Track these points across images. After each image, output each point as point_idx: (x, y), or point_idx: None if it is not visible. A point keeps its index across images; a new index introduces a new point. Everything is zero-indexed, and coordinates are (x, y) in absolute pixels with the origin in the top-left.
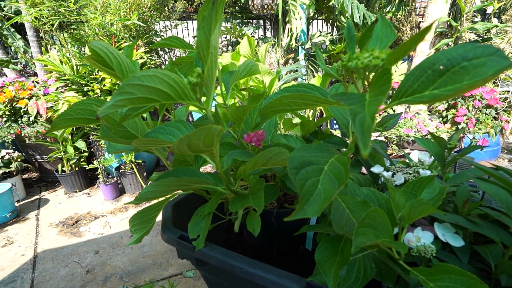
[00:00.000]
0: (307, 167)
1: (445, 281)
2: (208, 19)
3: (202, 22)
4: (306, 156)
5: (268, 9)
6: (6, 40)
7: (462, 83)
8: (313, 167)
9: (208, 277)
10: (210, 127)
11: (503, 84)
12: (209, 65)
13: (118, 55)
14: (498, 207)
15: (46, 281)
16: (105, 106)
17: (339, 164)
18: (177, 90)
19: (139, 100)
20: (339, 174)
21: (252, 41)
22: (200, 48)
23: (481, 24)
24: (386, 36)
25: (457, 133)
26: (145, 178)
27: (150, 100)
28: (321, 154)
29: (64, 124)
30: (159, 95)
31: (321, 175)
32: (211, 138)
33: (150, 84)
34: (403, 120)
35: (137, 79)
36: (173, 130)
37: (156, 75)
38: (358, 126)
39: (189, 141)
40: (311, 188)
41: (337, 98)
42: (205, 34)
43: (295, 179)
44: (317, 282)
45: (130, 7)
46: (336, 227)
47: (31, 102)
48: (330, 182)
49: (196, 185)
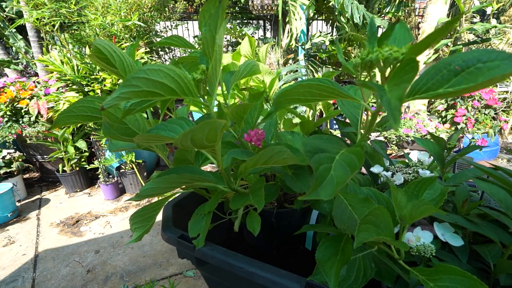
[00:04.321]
0: (320, 154)
1: (445, 281)
2: (215, 17)
3: (209, 19)
4: (318, 143)
5: (268, 10)
6: (7, 41)
7: (476, 82)
8: (326, 155)
9: (208, 276)
10: (214, 121)
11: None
12: (213, 63)
13: (121, 54)
14: (497, 206)
15: (47, 280)
16: (111, 98)
17: (352, 154)
18: (181, 86)
19: (144, 93)
20: (351, 163)
21: (253, 41)
22: (205, 44)
23: (480, 25)
24: (403, 38)
25: (456, 133)
26: (145, 178)
27: (154, 94)
28: (332, 145)
29: (67, 121)
30: (163, 89)
31: (333, 163)
32: (214, 133)
33: (155, 78)
34: (403, 120)
35: (143, 73)
36: (175, 127)
37: (161, 69)
38: (386, 105)
39: (192, 135)
40: (324, 173)
41: (363, 83)
42: (211, 31)
43: (311, 161)
44: (317, 282)
45: (130, 8)
46: (338, 223)
47: (32, 102)
48: (342, 169)
49: (198, 182)
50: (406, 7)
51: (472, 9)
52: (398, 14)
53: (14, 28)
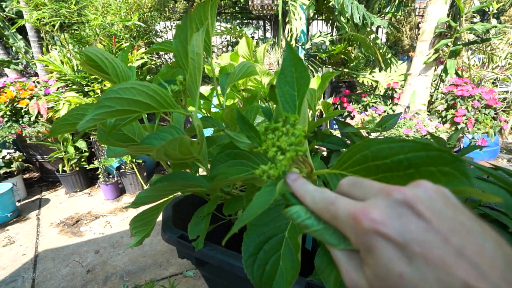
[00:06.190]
0: (265, 246)
1: None
2: (184, 28)
3: (178, 31)
4: (265, 229)
5: (268, 10)
6: (7, 41)
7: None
8: (273, 242)
9: (208, 276)
10: (182, 138)
11: (502, 84)
12: (190, 72)
13: (113, 60)
14: (497, 207)
15: (47, 280)
16: (84, 121)
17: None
18: (158, 100)
19: (119, 112)
20: (296, 242)
21: (250, 42)
22: (178, 57)
23: (480, 25)
24: (301, 78)
25: (456, 133)
26: (145, 178)
27: (130, 111)
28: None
29: (63, 129)
30: (139, 106)
31: (282, 248)
32: (186, 147)
33: (128, 96)
34: (403, 120)
35: (114, 93)
36: (167, 136)
37: (134, 87)
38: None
39: (165, 150)
40: (271, 272)
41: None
42: (181, 43)
43: (252, 272)
44: (317, 282)
45: (130, 8)
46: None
47: (32, 102)
48: (290, 257)
49: (191, 188)
50: (406, 7)
51: (472, 9)
52: (398, 14)
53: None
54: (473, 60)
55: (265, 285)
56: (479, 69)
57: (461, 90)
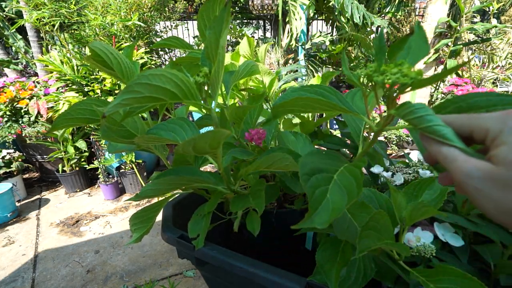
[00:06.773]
0: (318, 174)
1: (445, 283)
2: (220, 20)
3: (213, 22)
4: (317, 162)
5: (268, 10)
6: (7, 41)
7: None
8: (323, 175)
9: (208, 276)
10: (218, 131)
11: (502, 84)
12: (216, 66)
13: (118, 56)
14: None
15: (47, 280)
16: (112, 104)
17: (350, 176)
18: (183, 90)
19: (146, 99)
20: (350, 187)
21: (251, 41)
22: (209, 48)
23: (480, 25)
24: (419, 49)
25: None
26: (145, 178)
27: (156, 99)
28: (331, 162)
29: (65, 124)
30: (166, 94)
31: (330, 184)
32: (217, 141)
33: (157, 83)
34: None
35: (145, 78)
36: (176, 128)
37: (163, 74)
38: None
39: (195, 144)
40: (320, 197)
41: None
42: (215, 34)
43: (306, 186)
44: (317, 282)
45: (130, 8)
46: (338, 232)
47: (32, 102)
48: (339, 193)
49: (197, 184)
50: (406, 7)
51: (472, 9)
52: (398, 14)
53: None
54: (473, 60)
55: (313, 204)
56: (479, 69)
57: (461, 90)
